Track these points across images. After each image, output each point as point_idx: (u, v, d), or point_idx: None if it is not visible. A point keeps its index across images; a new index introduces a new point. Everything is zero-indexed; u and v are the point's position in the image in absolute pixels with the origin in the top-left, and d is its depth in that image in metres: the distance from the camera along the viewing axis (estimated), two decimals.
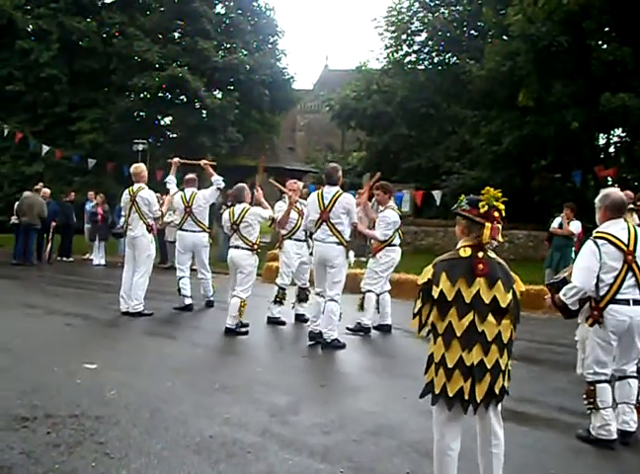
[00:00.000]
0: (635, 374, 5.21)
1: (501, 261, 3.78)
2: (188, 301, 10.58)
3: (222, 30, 30.94)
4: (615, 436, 5.02)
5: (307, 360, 7.85)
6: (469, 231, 3.78)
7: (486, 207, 3.70)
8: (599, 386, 5.02)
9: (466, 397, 3.63)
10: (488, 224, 3.67)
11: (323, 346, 8.15)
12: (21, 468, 4.19)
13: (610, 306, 4.95)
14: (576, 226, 12.42)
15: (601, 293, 4.98)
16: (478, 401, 3.63)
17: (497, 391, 3.66)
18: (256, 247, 8.94)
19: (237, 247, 8.90)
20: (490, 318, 3.63)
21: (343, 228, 8.16)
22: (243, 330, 8.78)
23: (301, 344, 8.52)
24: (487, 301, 3.64)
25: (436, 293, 3.66)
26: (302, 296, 9.72)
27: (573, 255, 11.51)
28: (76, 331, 8.92)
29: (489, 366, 3.63)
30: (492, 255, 3.76)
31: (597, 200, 5.21)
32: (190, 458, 4.45)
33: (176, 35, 30.71)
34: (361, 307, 9.14)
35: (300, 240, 9.70)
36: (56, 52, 26.99)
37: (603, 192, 5.27)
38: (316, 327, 8.47)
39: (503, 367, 3.69)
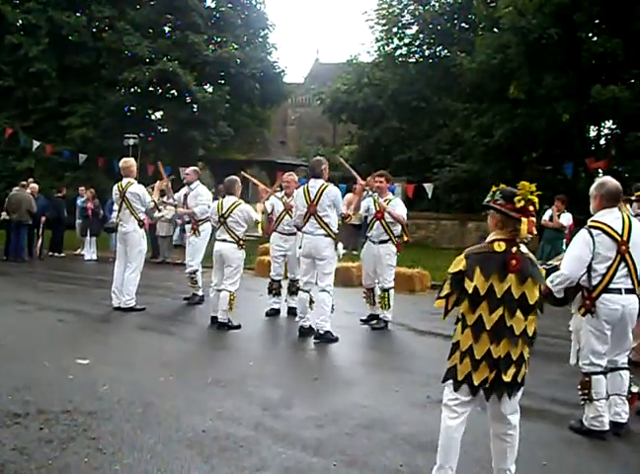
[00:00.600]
0: (626, 366, 5.22)
1: (531, 255, 3.82)
2: (201, 293, 10.70)
3: (212, 23, 30.89)
4: (608, 427, 5.04)
5: (299, 354, 7.86)
6: (503, 225, 3.79)
7: (522, 202, 3.71)
8: (594, 378, 5.02)
9: (487, 386, 3.73)
10: (525, 219, 3.70)
11: (315, 337, 8.16)
12: (13, 465, 4.17)
13: (603, 295, 4.96)
14: (567, 218, 12.44)
15: (594, 283, 4.98)
16: (504, 392, 3.72)
17: (519, 380, 3.77)
18: (242, 242, 8.92)
19: (224, 240, 8.88)
20: (518, 313, 3.72)
21: (330, 220, 8.17)
22: (235, 324, 8.77)
23: (293, 337, 8.52)
24: (516, 297, 3.71)
25: (470, 288, 3.70)
26: (293, 289, 9.70)
27: (564, 247, 11.52)
28: (68, 326, 8.90)
29: (514, 358, 3.73)
30: (524, 249, 3.79)
31: (592, 189, 5.19)
32: (182, 453, 4.44)
33: (166, 29, 30.68)
34: (386, 305, 9.08)
35: (284, 233, 9.72)
36: (46, 47, 26.92)
37: (599, 180, 5.25)
38: (305, 322, 8.48)
39: (525, 358, 3.81)
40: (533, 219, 3.72)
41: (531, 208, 3.72)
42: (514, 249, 3.72)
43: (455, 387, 3.80)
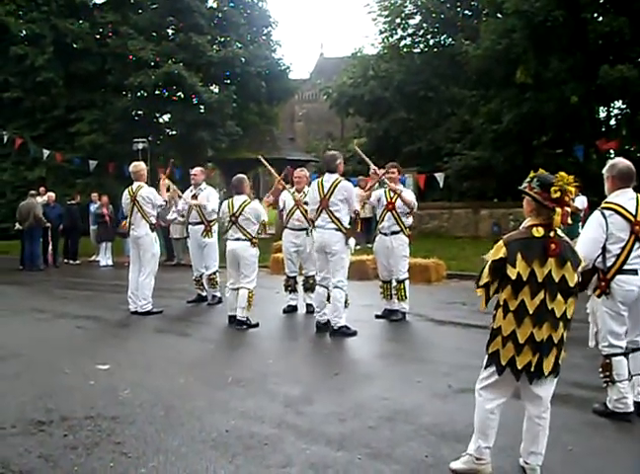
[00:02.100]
0: None
1: (567, 239, 3.87)
2: (219, 294, 10.75)
3: (215, 24, 30.89)
4: (632, 409, 5.01)
5: (318, 350, 7.85)
6: (538, 213, 3.83)
7: (558, 193, 3.74)
8: (614, 359, 4.99)
9: (532, 369, 3.80)
10: (559, 210, 3.72)
11: (331, 333, 8.17)
12: (39, 472, 4.20)
13: (618, 277, 4.93)
14: (581, 201, 12.35)
15: (608, 264, 4.95)
16: (546, 374, 3.81)
17: (560, 362, 3.87)
18: (255, 240, 8.93)
19: (237, 239, 8.89)
20: (559, 297, 3.78)
21: (341, 215, 8.15)
22: (253, 323, 8.78)
23: (311, 333, 8.51)
24: (557, 280, 3.76)
25: (513, 275, 3.74)
26: (308, 285, 9.70)
27: (580, 230, 11.44)
28: (87, 333, 8.93)
29: (556, 341, 3.82)
30: (560, 234, 3.83)
31: (604, 171, 5.16)
32: (207, 453, 4.45)
33: (169, 31, 30.70)
34: (403, 296, 9.10)
35: (295, 229, 9.72)
36: (51, 56, 27.04)
37: (610, 162, 5.22)
38: (322, 317, 8.48)
39: (565, 341, 3.88)
40: (568, 210, 3.74)
41: (567, 199, 3.75)
42: (552, 233, 3.77)
43: (499, 372, 3.85)
